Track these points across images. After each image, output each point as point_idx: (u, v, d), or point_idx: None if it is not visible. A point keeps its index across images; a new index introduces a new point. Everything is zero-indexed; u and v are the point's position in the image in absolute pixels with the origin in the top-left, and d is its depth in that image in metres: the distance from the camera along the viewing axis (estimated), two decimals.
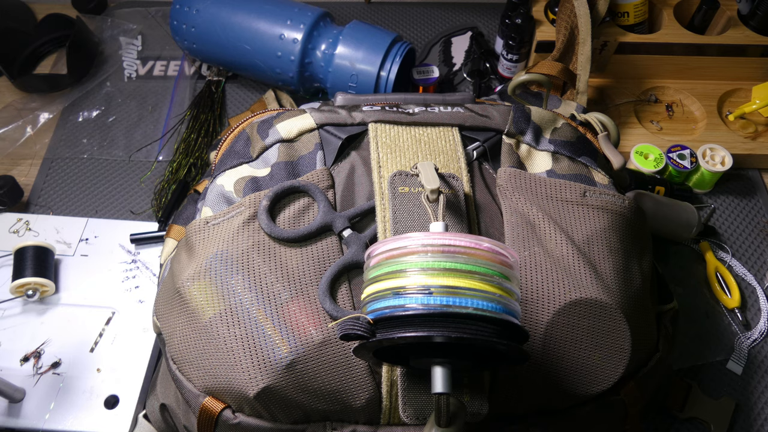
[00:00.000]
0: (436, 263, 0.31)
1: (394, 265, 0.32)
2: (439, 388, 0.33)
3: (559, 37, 0.78)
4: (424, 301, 0.30)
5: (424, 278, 0.31)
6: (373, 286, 0.33)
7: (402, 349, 0.37)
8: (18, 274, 0.64)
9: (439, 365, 0.33)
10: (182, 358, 0.44)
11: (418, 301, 0.30)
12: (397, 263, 0.32)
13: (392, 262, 0.33)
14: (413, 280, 0.31)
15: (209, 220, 0.48)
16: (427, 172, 0.44)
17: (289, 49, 0.75)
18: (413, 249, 0.32)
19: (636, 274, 0.47)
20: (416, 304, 0.30)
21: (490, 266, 0.32)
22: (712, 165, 0.73)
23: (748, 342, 0.65)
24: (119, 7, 0.96)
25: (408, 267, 0.32)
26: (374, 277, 0.33)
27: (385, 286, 0.32)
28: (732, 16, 0.83)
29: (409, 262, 0.32)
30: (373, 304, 0.33)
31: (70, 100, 0.85)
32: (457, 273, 0.31)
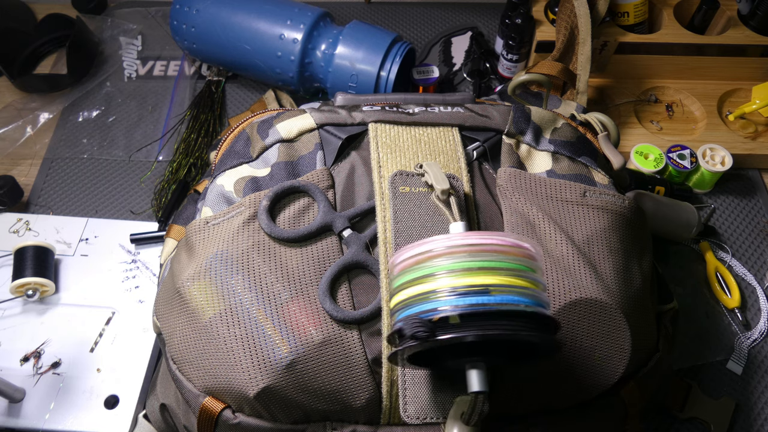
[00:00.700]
0: (463, 264, 0.31)
1: (421, 270, 0.32)
2: (476, 386, 0.33)
3: (559, 37, 0.78)
4: (456, 303, 0.30)
5: (453, 279, 0.31)
6: (403, 293, 0.33)
7: (436, 352, 0.37)
8: (18, 274, 0.64)
9: (475, 364, 0.33)
10: (182, 358, 0.44)
11: (450, 303, 0.30)
12: (424, 268, 0.32)
13: (419, 268, 0.33)
14: (443, 282, 0.31)
15: (209, 220, 0.48)
16: (435, 173, 0.45)
17: (289, 49, 0.75)
18: (438, 252, 0.32)
19: (636, 274, 0.47)
20: (448, 306, 0.30)
21: (515, 261, 0.32)
22: (712, 165, 0.73)
23: (748, 342, 0.65)
24: (119, 7, 0.96)
25: (436, 270, 0.32)
26: (402, 284, 0.33)
27: (415, 291, 0.32)
28: (732, 16, 0.83)
29: (436, 266, 0.32)
30: (404, 311, 0.33)
31: (70, 100, 0.85)
32: (484, 271, 0.31)
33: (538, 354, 0.35)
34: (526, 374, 0.42)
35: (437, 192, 0.44)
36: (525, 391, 0.43)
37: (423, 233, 0.45)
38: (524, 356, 0.36)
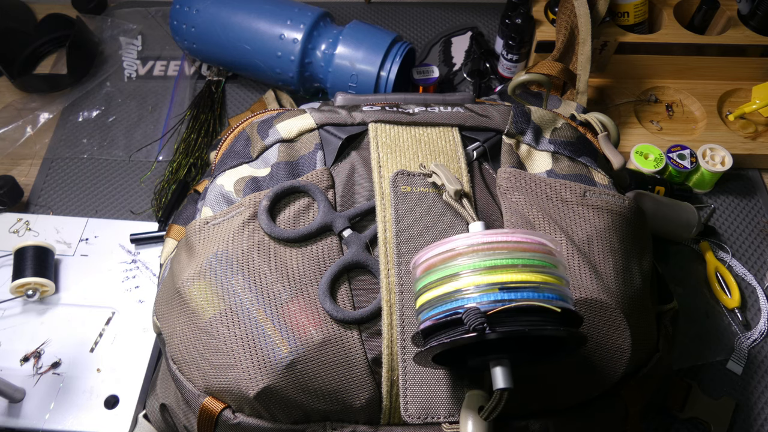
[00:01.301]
0: (486, 262, 0.31)
1: (444, 270, 0.33)
2: (501, 383, 0.33)
3: (559, 37, 0.78)
4: (482, 299, 0.31)
5: (478, 277, 0.31)
6: (427, 294, 0.33)
7: (462, 350, 0.37)
8: (18, 274, 0.64)
9: (500, 361, 0.34)
10: (182, 358, 0.44)
11: (476, 300, 0.31)
12: (448, 268, 0.32)
13: (441, 268, 0.33)
14: (468, 280, 0.31)
15: (209, 220, 0.48)
16: (445, 174, 0.45)
17: (289, 49, 0.75)
18: (460, 251, 0.32)
19: (636, 274, 0.47)
20: (474, 303, 0.31)
21: (537, 257, 0.32)
22: (712, 165, 0.73)
23: (748, 342, 0.65)
24: (119, 7, 0.96)
25: (460, 270, 0.32)
26: (426, 285, 0.33)
27: (441, 291, 0.32)
28: (732, 16, 0.83)
29: (461, 265, 0.32)
30: (430, 311, 0.33)
31: (70, 100, 0.85)
32: (511, 268, 0.31)
33: (562, 350, 0.35)
34: (527, 374, 0.42)
35: (449, 192, 0.44)
36: (525, 390, 0.43)
37: (424, 233, 0.45)
38: (546, 352, 0.36)
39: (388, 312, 0.42)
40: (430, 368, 0.41)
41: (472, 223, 0.38)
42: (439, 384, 0.41)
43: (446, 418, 0.41)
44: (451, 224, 0.46)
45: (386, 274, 0.43)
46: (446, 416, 0.41)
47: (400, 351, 0.42)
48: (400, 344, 0.42)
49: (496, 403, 0.35)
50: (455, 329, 0.32)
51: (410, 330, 0.42)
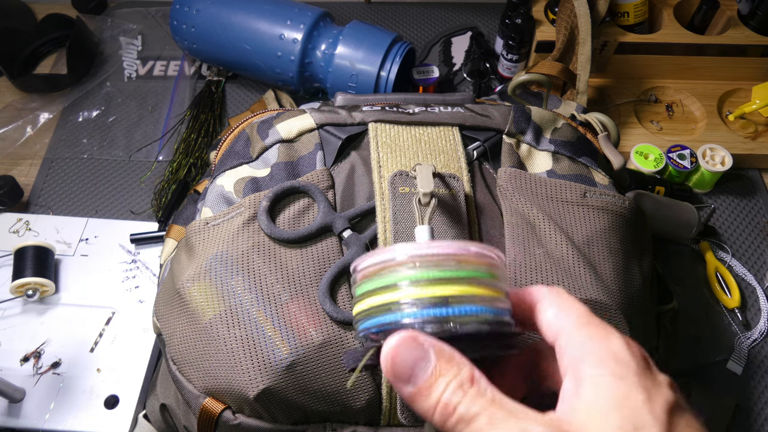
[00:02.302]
0: (424, 274, 0.31)
1: (382, 280, 0.32)
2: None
3: (559, 37, 0.78)
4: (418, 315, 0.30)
5: (414, 290, 0.31)
6: (365, 303, 0.33)
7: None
8: (18, 274, 0.64)
9: None
10: (182, 358, 0.44)
11: (412, 317, 0.30)
12: (384, 277, 0.32)
13: (379, 277, 0.32)
14: (403, 293, 0.31)
15: (209, 221, 0.48)
16: (423, 175, 0.44)
17: (289, 49, 0.75)
18: (400, 261, 0.32)
19: (636, 274, 0.47)
20: (410, 319, 0.30)
21: (476, 270, 0.32)
22: (712, 165, 0.73)
23: (748, 342, 0.65)
24: (119, 7, 0.96)
25: (397, 281, 0.31)
26: (364, 293, 0.33)
27: (377, 302, 0.32)
28: (732, 16, 0.83)
29: (396, 276, 0.31)
30: (365, 322, 0.32)
31: (70, 100, 0.85)
32: (445, 282, 0.31)
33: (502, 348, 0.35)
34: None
35: (419, 194, 0.43)
36: None
37: None
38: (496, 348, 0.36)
39: None
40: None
41: (418, 226, 0.38)
42: None
43: None
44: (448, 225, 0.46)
45: None
46: None
47: None
48: None
49: None
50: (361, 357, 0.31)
51: None
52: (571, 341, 0.29)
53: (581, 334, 0.29)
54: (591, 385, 0.26)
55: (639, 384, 0.26)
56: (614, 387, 0.26)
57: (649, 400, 0.25)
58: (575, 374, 0.27)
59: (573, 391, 0.27)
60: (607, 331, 0.29)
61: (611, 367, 0.27)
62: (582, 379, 0.27)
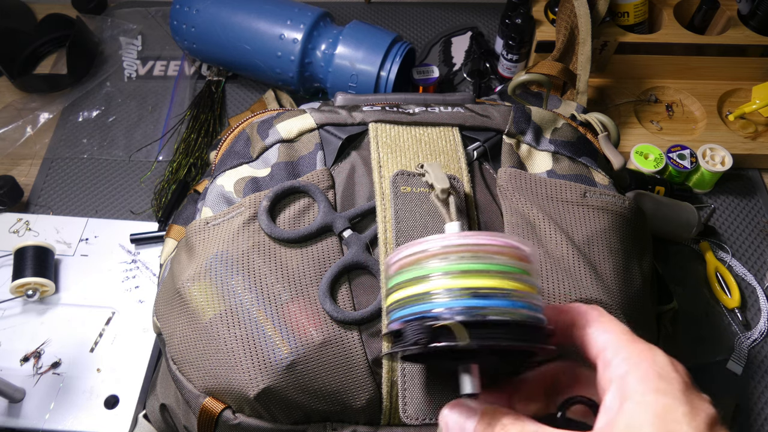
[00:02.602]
0: (459, 266, 0.31)
1: (417, 271, 0.32)
2: (468, 389, 0.33)
3: (559, 37, 0.78)
4: (451, 305, 0.30)
5: (449, 281, 0.31)
6: (398, 294, 0.33)
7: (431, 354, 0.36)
8: (18, 274, 0.64)
9: (467, 368, 0.33)
10: (182, 358, 0.44)
11: (445, 306, 0.30)
12: (419, 269, 0.32)
13: (414, 268, 0.33)
14: (438, 284, 0.31)
15: (209, 221, 0.48)
16: (435, 172, 0.44)
17: (289, 49, 0.75)
18: (433, 252, 0.32)
19: (636, 274, 0.47)
20: (443, 308, 0.30)
21: (512, 263, 0.32)
22: (712, 165, 0.73)
23: (748, 342, 0.65)
24: (119, 7, 0.96)
25: (431, 272, 0.32)
26: (397, 284, 0.33)
27: (410, 292, 0.32)
28: (732, 16, 0.83)
29: (431, 267, 0.32)
30: (399, 311, 0.33)
31: (70, 100, 0.85)
32: (481, 274, 0.31)
33: (532, 359, 0.35)
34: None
35: (437, 191, 0.44)
36: None
37: (424, 233, 0.45)
38: (519, 359, 0.36)
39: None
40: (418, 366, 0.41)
41: (448, 223, 0.38)
42: (438, 385, 0.41)
43: None
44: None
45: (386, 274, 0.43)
46: None
47: None
48: None
49: None
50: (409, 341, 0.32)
51: None
52: (617, 357, 0.30)
53: (627, 350, 0.30)
54: (635, 402, 0.27)
55: (682, 399, 0.27)
56: (658, 402, 0.27)
57: (692, 413, 0.26)
58: (620, 390, 0.28)
59: (616, 407, 0.28)
60: (652, 349, 0.30)
61: (656, 383, 0.28)
62: (626, 395, 0.28)
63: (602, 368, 0.30)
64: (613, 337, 0.31)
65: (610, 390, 0.29)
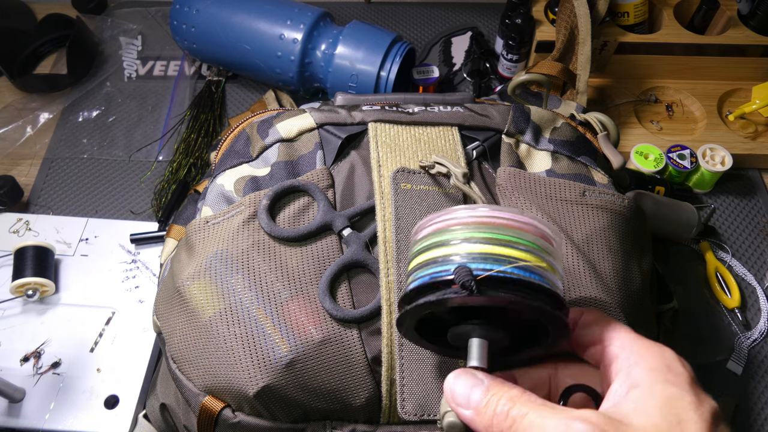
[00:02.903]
0: (484, 234, 0.32)
1: (441, 236, 0.33)
2: (475, 361, 0.33)
3: (559, 37, 0.78)
4: (474, 266, 0.31)
5: (473, 245, 0.32)
6: (421, 257, 0.33)
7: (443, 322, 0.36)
8: (18, 274, 0.64)
9: (477, 338, 0.33)
10: (182, 357, 0.44)
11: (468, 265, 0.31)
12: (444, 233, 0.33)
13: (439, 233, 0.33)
14: (463, 247, 0.32)
15: (209, 220, 0.48)
16: (449, 162, 0.45)
17: (289, 49, 0.76)
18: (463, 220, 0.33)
19: (635, 273, 0.47)
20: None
21: (537, 242, 0.33)
22: (712, 165, 0.73)
23: (748, 342, 0.65)
24: (119, 7, 0.96)
25: (456, 237, 0.32)
26: (420, 249, 0.34)
27: (433, 255, 0.33)
28: (732, 16, 0.83)
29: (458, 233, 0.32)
30: (420, 272, 0.33)
31: (70, 100, 0.85)
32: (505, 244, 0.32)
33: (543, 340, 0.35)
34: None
35: (457, 176, 0.44)
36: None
37: None
38: (526, 341, 0.36)
39: (387, 311, 0.42)
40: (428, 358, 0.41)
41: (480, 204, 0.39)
42: (436, 382, 0.41)
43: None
44: None
45: (386, 273, 0.43)
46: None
47: (398, 349, 0.42)
48: (398, 342, 0.42)
49: None
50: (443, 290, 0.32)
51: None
52: (624, 350, 0.31)
53: (635, 344, 0.31)
54: (642, 389, 0.28)
55: (689, 390, 0.28)
56: (666, 391, 0.28)
57: (698, 403, 0.27)
58: (628, 379, 0.29)
59: (623, 393, 0.28)
60: (660, 346, 0.30)
61: (665, 375, 0.28)
62: (634, 383, 0.28)
63: (608, 362, 0.31)
64: (619, 334, 0.32)
65: (617, 379, 0.29)
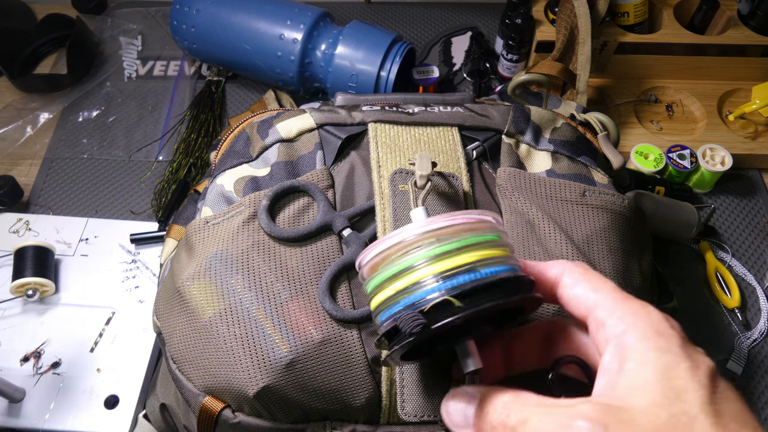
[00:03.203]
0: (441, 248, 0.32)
1: (390, 269, 0.32)
2: (471, 366, 0.33)
3: (559, 37, 0.78)
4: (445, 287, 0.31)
5: (436, 265, 0.31)
6: (385, 293, 0.33)
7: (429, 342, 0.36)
8: (18, 274, 0.64)
9: (464, 345, 0.34)
10: (182, 357, 0.44)
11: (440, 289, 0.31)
12: (400, 262, 0.32)
13: (386, 267, 0.33)
14: (426, 271, 0.31)
15: (209, 220, 0.48)
16: (422, 160, 0.44)
17: (289, 49, 0.76)
18: (411, 242, 0.32)
19: (636, 273, 0.47)
20: (438, 293, 0.31)
21: (486, 234, 0.32)
22: (712, 165, 0.73)
23: (748, 342, 0.65)
24: (119, 7, 0.96)
25: (415, 261, 0.32)
26: (381, 283, 0.33)
27: (393, 290, 0.32)
28: (732, 16, 0.83)
29: (413, 257, 0.32)
30: (389, 310, 0.32)
31: (70, 100, 0.85)
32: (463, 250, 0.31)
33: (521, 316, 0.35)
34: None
35: (416, 177, 0.43)
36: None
37: None
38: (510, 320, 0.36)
39: None
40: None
41: (413, 210, 0.38)
42: (436, 382, 0.41)
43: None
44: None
45: None
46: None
47: None
48: None
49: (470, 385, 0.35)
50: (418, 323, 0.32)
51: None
52: (611, 316, 0.29)
53: (621, 308, 0.29)
54: (636, 361, 0.27)
55: (683, 354, 0.27)
56: (660, 360, 0.26)
57: (694, 368, 0.26)
58: (619, 349, 0.27)
59: (616, 368, 0.27)
60: (645, 307, 0.29)
61: (655, 341, 0.27)
62: (626, 354, 0.27)
63: (595, 328, 0.30)
64: (604, 295, 0.30)
65: (607, 350, 0.28)
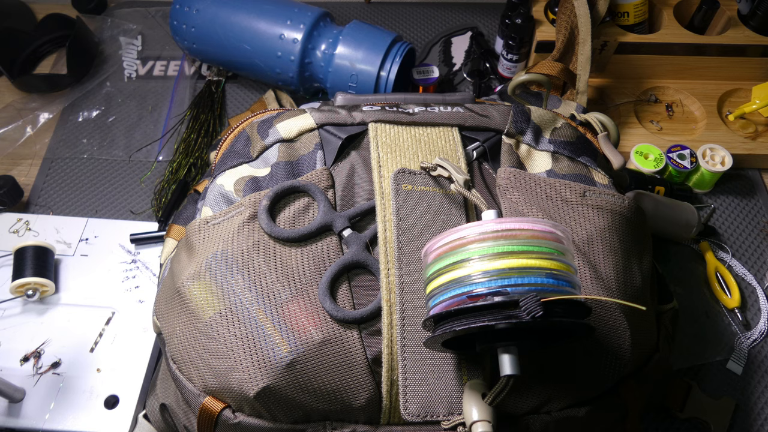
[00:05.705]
0: (497, 248, 0.32)
1: (455, 256, 0.33)
2: (509, 370, 0.34)
3: (559, 37, 0.78)
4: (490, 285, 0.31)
5: (487, 263, 0.32)
6: (440, 279, 0.34)
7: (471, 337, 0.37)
8: (18, 274, 0.64)
9: (508, 348, 0.34)
10: (182, 357, 0.44)
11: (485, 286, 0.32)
12: (458, 254, 0.33)
13: (453, 254, 0.34)
14: (478, 266, 0.32)
15: (209, 220, 0.48)
16: (451, 166, 0.45)
17: (289, 49, 0.75)
18: (471, 239, 0.33)
19: (636, 273, 0.47)
20: (484, 288, 0.31)
21: (548, 245, 0.33)
22: (712, 165, 0.73)
23: (748, 342, 0.65)
24: (119, 7, 0.96)
25: (470, 256, 0.33)
26: (437, 270, 0.34)
27: (452, 276, 0.33)
28: (732, 16, 0.83)
29: (470, 251, 0.33)
30: (442, 295, 0.34)
31: (70, 100, 0.85)
32: (520, 254, 0.32)
33: (567, 337, 0.36)
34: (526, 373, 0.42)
35: (459, 182, 0.44)
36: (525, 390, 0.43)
37: (425, 231, 0.45)
38: (551, 339, 0.37)
39: (387, 311, 0.42)
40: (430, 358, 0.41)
41: (485, 210, 0.39)
42: (438, 382, 0.42)
43: (445, 415, 0.41)
44: (452, 222, 0.46)
45: (386, 273, 0.44)
46: (445, 414, 0.41)
47: (400, 350, 0.42)
48: (400, 343, 0.42)
49: (501, 388, 0.36)
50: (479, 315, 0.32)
51: (410, 329, 0.42)
52: None
53: None
54: None
55: None
56: None
57: None
58: None
59: None
60: None
61: None
62: None
63: None
64: None
65: None
